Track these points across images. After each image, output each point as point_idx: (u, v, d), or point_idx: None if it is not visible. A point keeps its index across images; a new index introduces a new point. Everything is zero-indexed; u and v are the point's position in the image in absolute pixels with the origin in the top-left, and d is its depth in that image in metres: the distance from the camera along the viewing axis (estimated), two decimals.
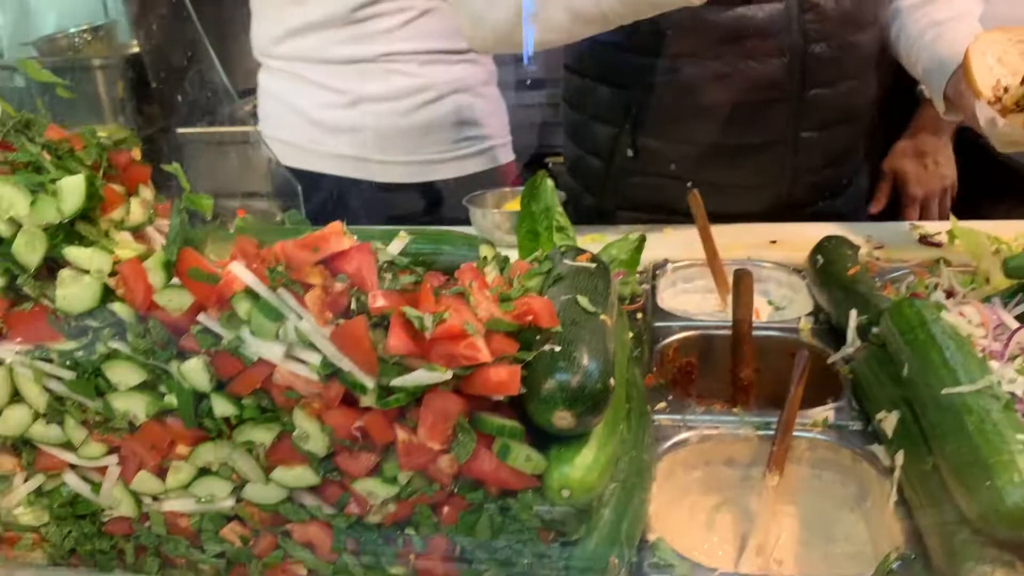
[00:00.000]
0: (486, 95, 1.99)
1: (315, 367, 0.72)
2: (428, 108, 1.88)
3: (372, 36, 1.83)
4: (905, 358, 0.89)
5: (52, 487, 0.82)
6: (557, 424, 0.71)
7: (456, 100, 1.89)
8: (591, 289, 0.85)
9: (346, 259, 0.72)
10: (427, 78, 1.88)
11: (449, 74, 1.91)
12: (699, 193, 1.52)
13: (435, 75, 1.89)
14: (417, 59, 1.87)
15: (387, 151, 1.87)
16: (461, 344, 0.70)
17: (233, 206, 2.34)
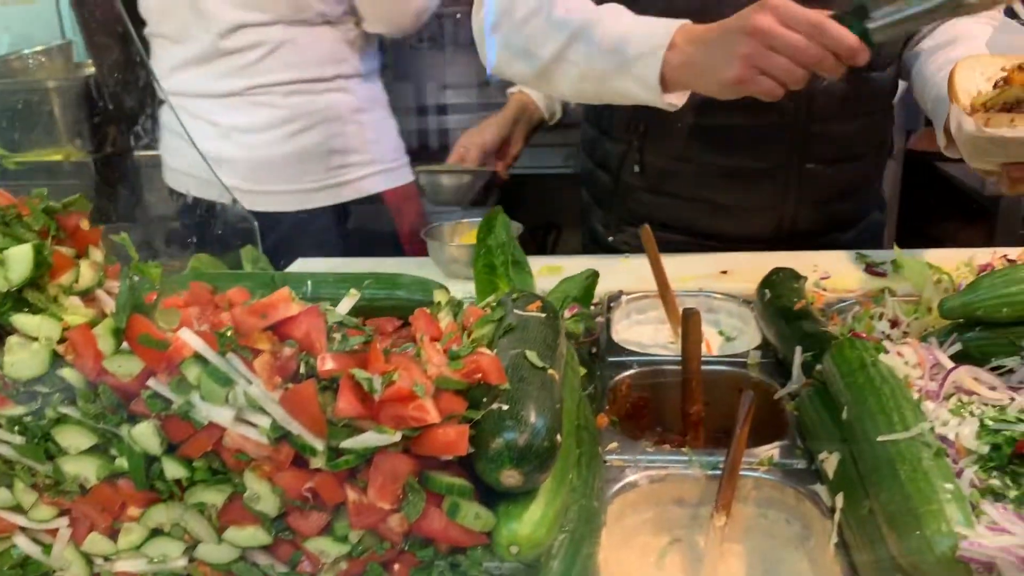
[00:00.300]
0: (363, 122, 2.04)
1: (265, 430, 0.73)
2: (296, 138, 1.93)
3: (237, 70, 1.92)
4: (845, 400, 0.92)
5: (2, 549, 0.82)
6: (505, 483, 0.73)
7: (326, 129, 1.94)
8: (540, 341, 0.87)
9: (295, 324, 0.73)
10: (291, 109, 1.95)
11: (314, 104, 1.96)
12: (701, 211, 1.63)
13: (299, 106, 1.95)
14: (280, 90, 1.94)
15: (262, 181, 1.94)
16: (410, 406, 0.72)
17: (191, 229, 2.32)
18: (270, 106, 1.93)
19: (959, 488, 0.75)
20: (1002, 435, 0.80)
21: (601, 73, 1.35)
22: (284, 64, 1.93)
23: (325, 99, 1.96)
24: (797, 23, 1.16)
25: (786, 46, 1.16)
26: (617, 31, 1.33)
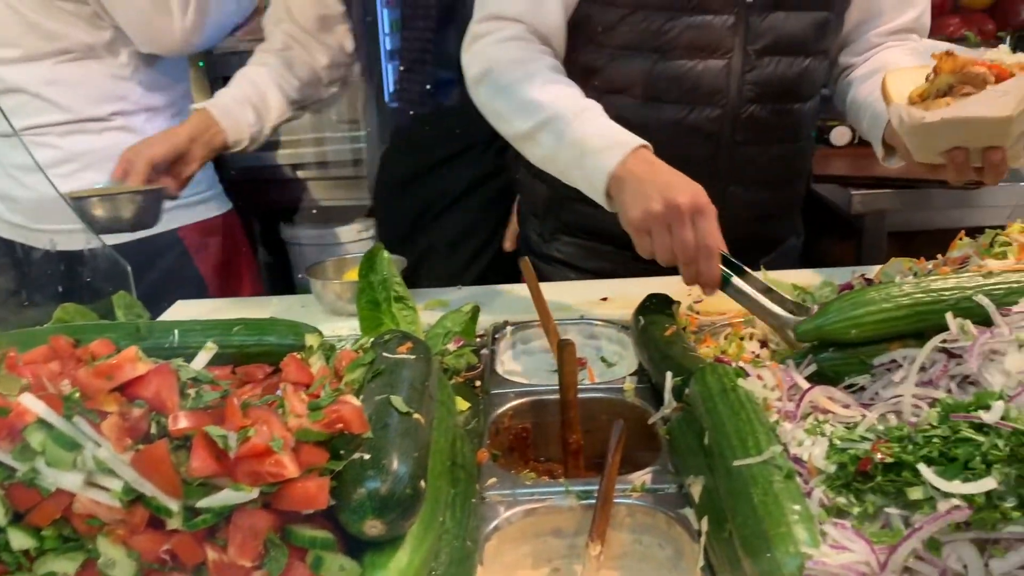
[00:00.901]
0: None
1: (117, 494, 0.71)
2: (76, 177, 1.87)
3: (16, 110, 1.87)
4: (707, 426, 0.95)
5: None
6: (368, 533, 0.73)
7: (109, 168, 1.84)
8: (408, 384, 0.87)
9: (143, 383, 0.72)
10: (67, 150, 1.92)
11: (93, 144, 1.93)
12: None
13: (76, 145, 1.92)
14: (55, 131, 1.91)
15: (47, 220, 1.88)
16: (266, 461, 0.71)
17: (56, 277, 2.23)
18: (48, 146, 1.89)
19: (807, 508, 0.78)
20: (848, 453, 0.85)
21: (560, 164, 1.42)
22: (53, 105, 1.89)
23: (105, 139, 1.91)
24: (699, 231, 1.25)
25: (678, 236, 1.25)
26: (582, 132, 1.38)
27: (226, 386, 0.78)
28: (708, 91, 1.56)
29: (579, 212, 1.74)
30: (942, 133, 1.22)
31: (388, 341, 1.00)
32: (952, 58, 1.20)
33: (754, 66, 1.55)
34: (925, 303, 1.01)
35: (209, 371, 0.88)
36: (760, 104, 1.59)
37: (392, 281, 1.34)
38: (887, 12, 1.64)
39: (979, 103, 1.17)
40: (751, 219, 1.71)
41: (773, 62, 1.56)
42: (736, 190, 1.66)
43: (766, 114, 1.60)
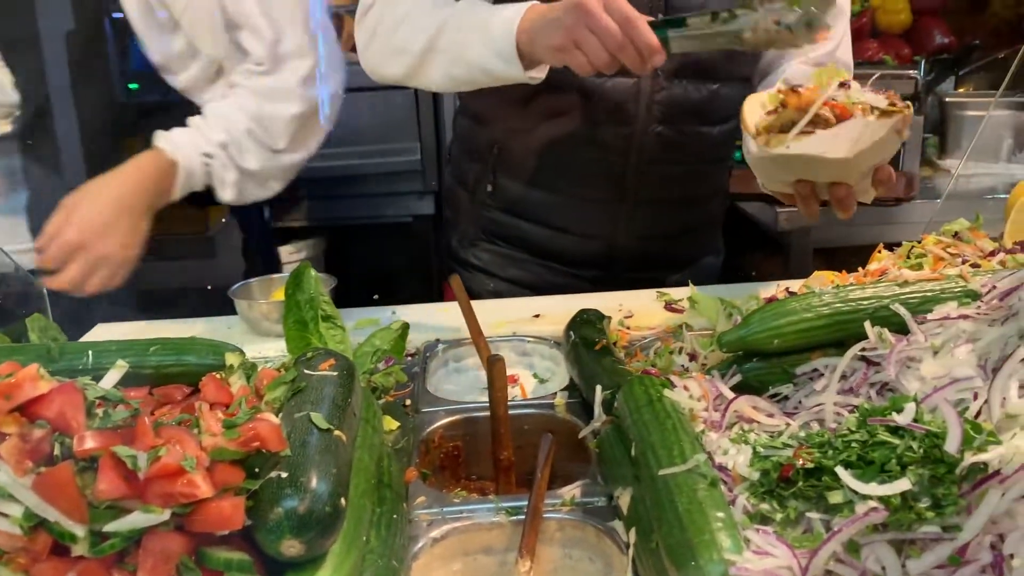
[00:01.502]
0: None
1: (17, 520, 0.67)
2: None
3: None
4: (633, 437, 0.95)
5: None
6: (286, 553, 0.71)
7: None
8: (329, 401, 0.85)
9: (45, 403, 0.69)
10: None
11: None
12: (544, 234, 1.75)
13: None
14: None
15: None
16: (178, 481, 0.69)
17: None
18: None
19: (731, 515, 0.79)
20: (771, 460, 0.86)
21: (468, 56, 1.46)
22: None
23: None
24: (614, 12, 1.26)
25: (598, 28, 1.26)
26: (480, 16, 1.44)
27: (136, 405, 0.75)
28: (616, 109, 1.60)
29: (498, 220, 1.80)
30: (785, 166, 1.25)
31: (311, 359, 0.98)
32: (797, 95, 1.22)
33: (663, 87, 1.59)
34: (844, 312, 1.03)
35: (123, 392, 0.84)
36: (667, 125, 1.63)
37: (320, 300, 1.31)
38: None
39: (817, 143, 1.19)
40: (661, 236, 1.77)
41: (682, 85, 1.61)
42: (645, 208, 1.71)
43: (674, 135, 1.64)
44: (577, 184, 1.70)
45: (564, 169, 1.69)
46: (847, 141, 1.17)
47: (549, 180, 1.72)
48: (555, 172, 1.71)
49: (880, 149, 1.19)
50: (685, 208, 1.77)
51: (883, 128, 1.17)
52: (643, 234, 1.74)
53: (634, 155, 1.64)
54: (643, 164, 1.65)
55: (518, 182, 1.75)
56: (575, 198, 1.72)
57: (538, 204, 1.75)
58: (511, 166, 1.74)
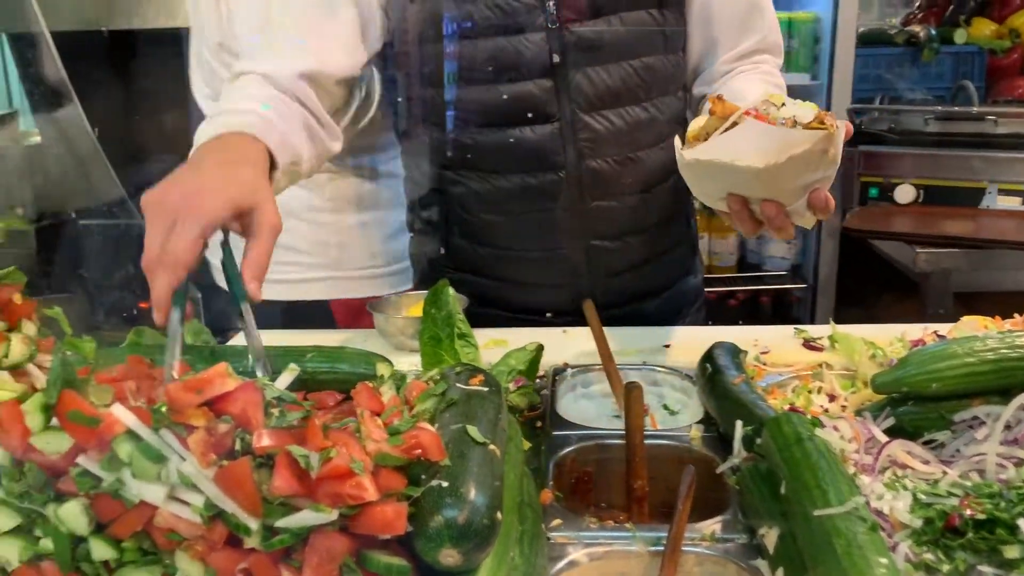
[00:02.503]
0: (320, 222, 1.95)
1: (198, 509, 0.71)
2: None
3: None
4: (782, 475, 0.93)
5: None
6: (444, 562, 0.72)
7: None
8: (481, 416, 0.87)
9: (230, 400, 0.72)
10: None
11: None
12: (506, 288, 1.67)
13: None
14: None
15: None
16: (347, 483, 0.71)
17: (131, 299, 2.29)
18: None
19: (893, 563, 0.76)
20: (934, 509, 0.82)
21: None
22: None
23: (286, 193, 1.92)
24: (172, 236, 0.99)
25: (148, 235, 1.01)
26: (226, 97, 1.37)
27: (308, 407, 0.78)
28: (543, 156, 1.56)
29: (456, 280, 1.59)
30: (707, 175, 1.19)
31: (459, 373, 1.00)
32: (722, 103, 1.16)
33: (585, 124, 1.55)
34: (1011, 359, 0.98)
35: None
36: (599, 160, 1.58)
37: (456, 318, 1.34)
38: (724, 40, 1.62)
39: (728, 149, 1.13)
40: (625, 269, 1.70)
41: (602, 117, 1.56)
42: (601, 244, 1.65)
43: (609, 168, 1.59)
44: (524, 236, 1.66)
45: (511, 224, 1.65)
46: (759, 150, 1.10)
47: (499, 238, 1.67)
48: (502, 229, 1.66)
49: (803, 166, 1.12)
50: (645, 235, 1.70)
51: (802, 143, 1.09)
52: (607, 272, 1.68)
53: (573, 196, 1.60)
54: (585, 202, 1.61)
55: (471, 242, 1.70)
56: (528, 251, 1.67)
57: (494, 262, 1.70)
58: (463, 228, 1.70)
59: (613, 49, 1.55)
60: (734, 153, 1.13)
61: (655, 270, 1.76)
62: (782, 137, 1.10)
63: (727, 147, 1.13)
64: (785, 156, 1.10)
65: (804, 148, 1.10)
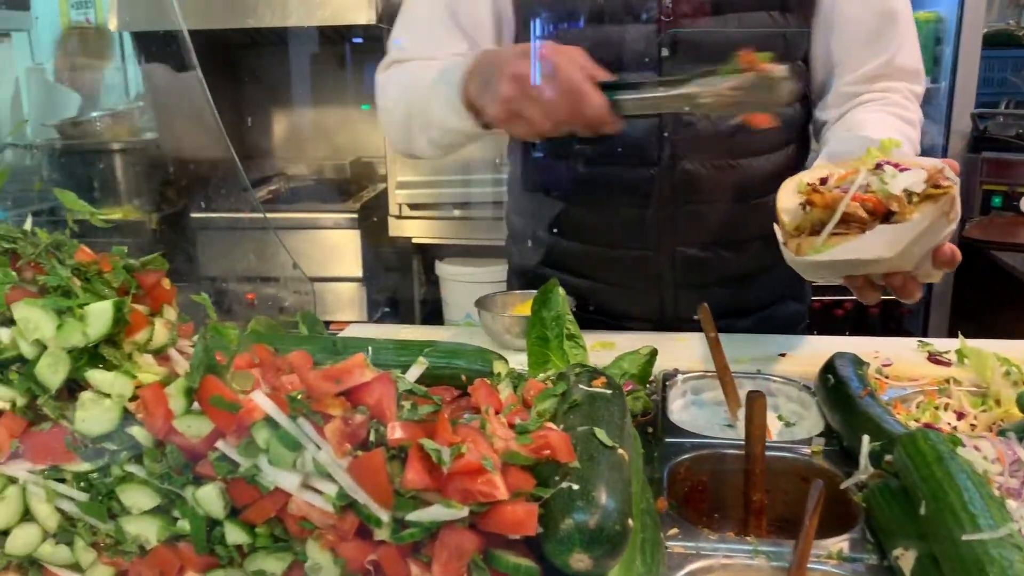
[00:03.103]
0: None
1: (331, 498, 0.72)
2: None
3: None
4: (922, 495, 0.88)
5: None
6: (574, 566, 0.70)
7: None
8: (608, 419, 0.85)
9: (367, 391, 0.73)
10: None
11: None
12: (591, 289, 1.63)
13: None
14: None
15: None
16: (478, 480, 0.70)
17: (243, 289, 2.36)
18: None
19: None
20: None
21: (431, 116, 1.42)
22: None
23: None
24: (561, 82, 1.17)
25: (538, 99, 1.17)
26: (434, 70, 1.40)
27: (439, 401, 0.78)
28: (639, 150, 1.51)
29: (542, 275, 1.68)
30: (826, 269, 1.09)
31: (579, 374, 0.98)
32: (820, 194, 1.07)
33: (684, 123, 1.49)
34: None
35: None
36: (695, 162, 1.52)
37: (565, 319, 1.32)
38: (848, 58, 1.51)
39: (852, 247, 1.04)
40: (714, 282, 1.62)
41: (705, 118, 1.49)
42: (689, 251, 1.59)
43: (704, 171, 1.52)
44: (611, 233, 1.61)
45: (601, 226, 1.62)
46: (885, 241, 1.02)
47: (589, 239, 1.64)
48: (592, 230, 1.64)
49: (929, 237, 1.03)
50: (740, 250, 1.61)
51: (926, 218, 1.01)
52: (694, 282, 1.61)
53: (663, 196, 1.54)
54: (675, 205, 1.55)
55: (560, 239, 1.68)
56: (616, 253, 1.63)
57: (583, 262, 1.67)
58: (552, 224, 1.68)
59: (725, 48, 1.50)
60: (858, 250, 1.04)
61: (749, 288, 1.68)
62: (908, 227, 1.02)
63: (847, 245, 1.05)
64: (911, 236, 1.02)
65: (929, 221, 1.02)
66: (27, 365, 0.74)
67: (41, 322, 0.72)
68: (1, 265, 0.75)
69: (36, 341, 0.73)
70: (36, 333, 0.72)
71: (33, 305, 0.73)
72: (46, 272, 0.75)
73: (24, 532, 0.78)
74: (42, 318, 0.72)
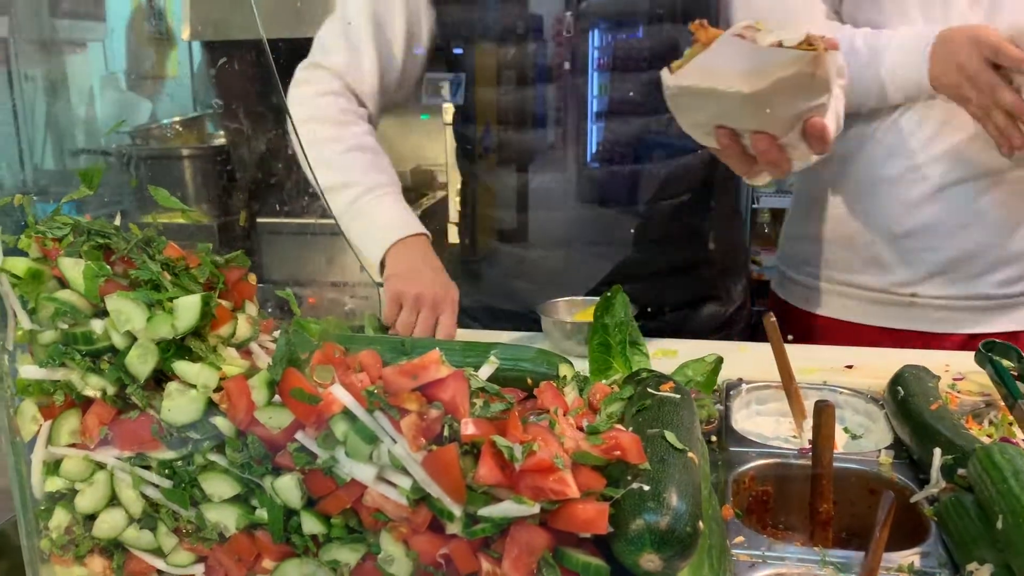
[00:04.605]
0: None
1: (405, 491, 0.73)
2: None
3: None
4: (999, 509, 0.86)
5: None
6: (644, 567, 0.71)
7: None
8: (677, 423, 0.85)
9: (442, 387, 0.74)
10: None
11: None
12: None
13: None
14: None
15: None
16: (550, 478, 0.71)
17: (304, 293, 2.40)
18: None
19: None
20: None
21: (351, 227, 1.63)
22: None
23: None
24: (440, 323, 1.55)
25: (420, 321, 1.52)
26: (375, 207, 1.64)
27: (511, 399, 0.79)
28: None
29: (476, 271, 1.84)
30: (695, 105, 1.14)
31: (646, 378, 0.98)
32: (705, 29, 1.09)
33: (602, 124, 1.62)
34: None
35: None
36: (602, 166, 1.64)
37: (629, 325, 1.33)
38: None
39: (711, 73, 1.06)
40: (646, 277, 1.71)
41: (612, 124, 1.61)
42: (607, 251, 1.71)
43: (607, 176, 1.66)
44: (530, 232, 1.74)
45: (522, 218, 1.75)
46: (743, 73, 1.04)
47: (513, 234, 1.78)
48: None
49: (792, 91, 1.05)
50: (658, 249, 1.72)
51: (788, 64, 1.03)
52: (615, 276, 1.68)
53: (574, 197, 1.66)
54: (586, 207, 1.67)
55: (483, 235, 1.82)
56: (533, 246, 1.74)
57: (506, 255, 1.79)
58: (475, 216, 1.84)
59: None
60: (718, 78, 1.07)
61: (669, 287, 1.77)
62: (766, 58, 1.04)
63: (710, 72, 1.07)
64: (771, 79, 1.04)
65: (791, 71, 1.03)
66: (118, 355, 0.77)
67: (132, 314, 0.75)
68: (96, 259, 0.78)
69: (127, 332, 0.76)
70: (127, 325, 0.76)
71: (125, 298, 0.76)
72: (137, 267, 0.79)
73: (110, 516, 0.81)
74: (133, 310, 0.75)
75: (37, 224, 0.81)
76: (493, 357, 0.85)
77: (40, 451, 0.80)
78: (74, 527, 0.82)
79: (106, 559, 0.83)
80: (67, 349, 0.78)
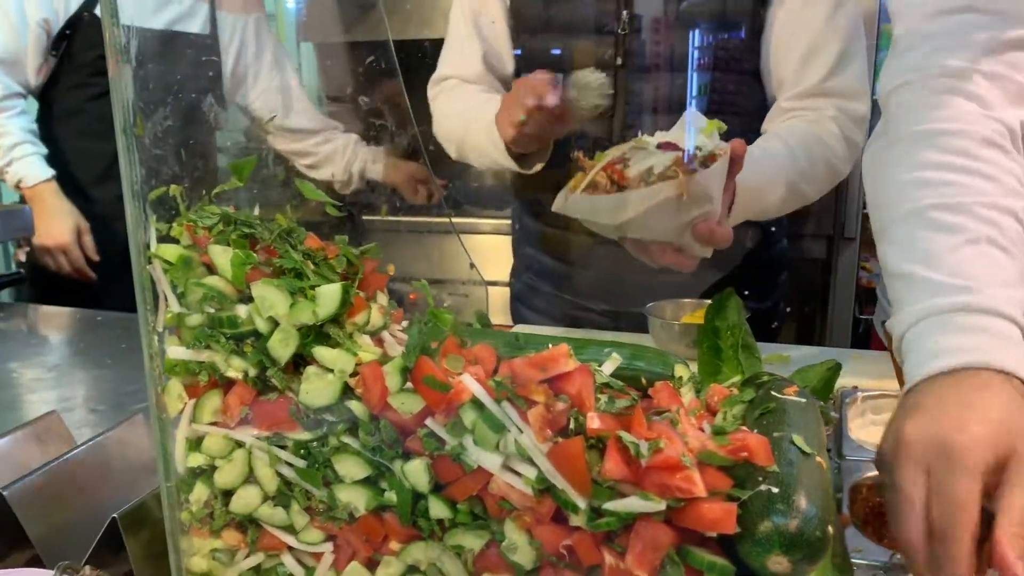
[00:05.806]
0: None
1: (530, 481, 0.74)
2: None
3: None
4: None
5: (270, 566, 0.87)
6: (771, 569, 0.70)
7: None
8: (804, 427, 0.84)
9: (569, 380, 0.75)
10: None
11: None
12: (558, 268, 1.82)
13: None
14: None
15: None
16: (677, 476, 0.71)
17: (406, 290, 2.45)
18: None
19: None
20: None
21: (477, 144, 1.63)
22: None
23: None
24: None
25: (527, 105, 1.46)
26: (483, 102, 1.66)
27: (635, 396, 0.79)
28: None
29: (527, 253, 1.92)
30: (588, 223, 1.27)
31: (767, 382, 0.97)
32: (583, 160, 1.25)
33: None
34: None
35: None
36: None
37: (741, 328, 1.31)
38: (787, 77, 1.56)
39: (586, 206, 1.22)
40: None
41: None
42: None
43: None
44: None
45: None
46: (611, 207, 1.18)
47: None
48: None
49: (667, 214, 1.17)
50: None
51: (651, 197, 1.15)
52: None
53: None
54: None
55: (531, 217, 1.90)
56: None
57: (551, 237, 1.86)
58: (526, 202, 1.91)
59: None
60: (591, 211, 1.23)
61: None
62: (626, 199, 1.18)
63: (587, 207, 1.22)
64: (639, 211, 1.17)
65: (657, 199, 1.16)
66: (260, 339, 0.80)
67: (276, 300, 0.79)
68: (242, 247, 0.82)
69: (270, 318, 0.80)
70: (271, 310, 0.79)
71: (269, 285, 0.79)
72: (280, 255, 0.82)
73: (247, 493, 0.85)
74: (277, 297, 0.79)
75: (188, 213, 0.85)
76: (615, 354, 0.85)
77: (184, 428, 0.85)
78: (212, 501, 0.87)
79: (241, 533, 0.87)
80: (213, 332, 0.82)
